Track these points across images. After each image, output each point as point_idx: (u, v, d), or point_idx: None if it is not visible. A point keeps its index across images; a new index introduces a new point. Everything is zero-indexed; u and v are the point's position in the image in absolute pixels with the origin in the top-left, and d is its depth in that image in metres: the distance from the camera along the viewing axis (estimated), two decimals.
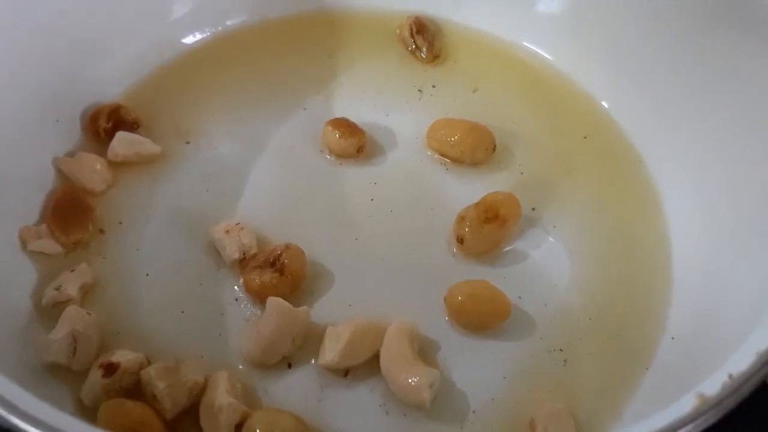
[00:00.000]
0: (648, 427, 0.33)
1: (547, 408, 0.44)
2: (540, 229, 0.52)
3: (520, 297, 0.49)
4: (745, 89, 0.50)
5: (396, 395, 0.44)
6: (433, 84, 0.60)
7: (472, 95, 0.60)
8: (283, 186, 0.54)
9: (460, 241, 0.50)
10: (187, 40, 0.62)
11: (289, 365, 0.46)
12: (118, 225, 0.51)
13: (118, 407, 0.42)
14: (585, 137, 0.57)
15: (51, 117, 0.54)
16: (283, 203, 0.53)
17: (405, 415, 0.44)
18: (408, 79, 0.61)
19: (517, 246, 0.51)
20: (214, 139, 0.56)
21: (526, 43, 0.63)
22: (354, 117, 0.56)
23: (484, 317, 0.47)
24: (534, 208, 0.53)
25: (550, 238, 0.52)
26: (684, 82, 0.54)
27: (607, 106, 0.59)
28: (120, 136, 0.54)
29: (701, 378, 0.35)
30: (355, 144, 0.55)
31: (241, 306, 0.48)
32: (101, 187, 0.52)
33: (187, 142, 0.56)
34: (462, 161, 0.55)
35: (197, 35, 0.62)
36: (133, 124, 0.55)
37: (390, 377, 0.44)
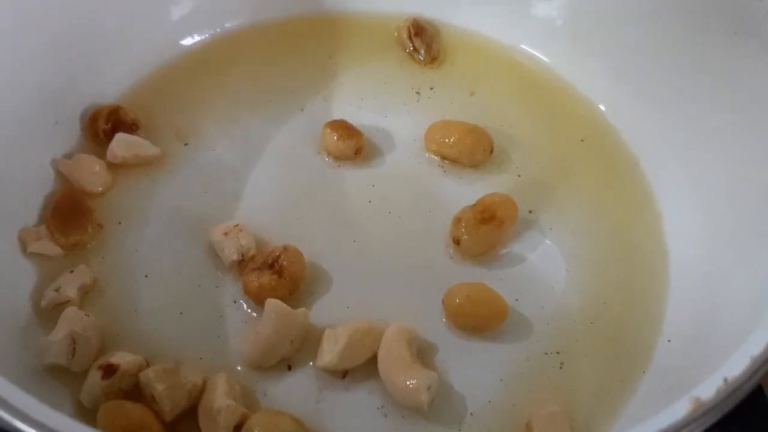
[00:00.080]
0: (643, 431, 0.33)
1: (544, 410, 0.44)
2: (537, 232, 0.52)
3: (517, 299, 0.49)
4: (742, 92, 0.50)
5: (394, 397, 0.44)
6: (431, 86, 0.60)
7: (469, 98, 0.60)
8: (281, 188, 0.54)
9: (456, 242, 0.50)
10: (186, 41, 0.62)
11: (289, 367, 0.46)
12: (117, 226, 0.51)
13: (117, 409, 0.42)
14: (582, 140, 0.57)
15: (50, 118, 0.54)
16: (282, 205, 0.53)
17: (403, 417, 0.44)
18: (406, 82, 0.61)
19: (514, 248, 0.52)
20: (212, 141, 0.56)
21: (524, 46, 0.63)
22: (352, 119, 0.56)
23: (482, 319, 0.48)
24: (531, 211, 0.53)
25: (547, 240, 0.52)
26: (681, 86, 0.54)
27: (605, 109, 0.59)
28: (119, 137, 0.54)
29: (698, 381, 0.35)
30: (353, 146, 0.55)
31: (239, 308, 0.48)
32: (100, 188, 0.52)
33: (185, 144, 0.56)
34: (460, 163, 0.55)
35: (196, 37, 0.62)
36: (132, 126, 0.55)
37: (388, 379, 0.44)
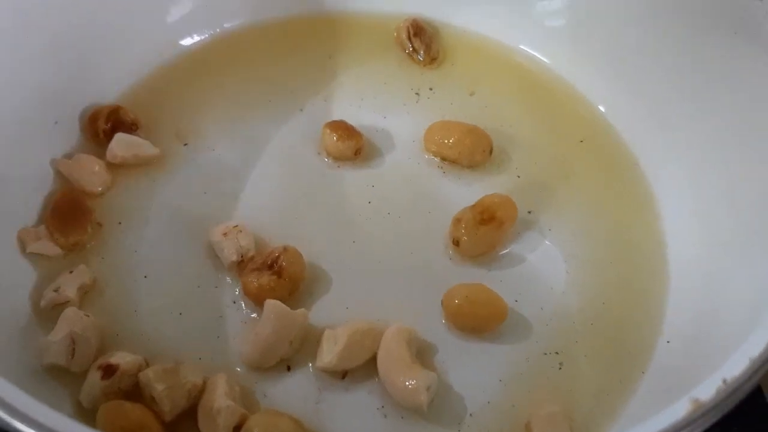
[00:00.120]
0: (642, 431, 0.33)
1: (544, 411, 0.44)
2: (537, 233, 0.52)
3: (516, 300, 0.49)
4: (742, 92, 0.50)
5: (393, 398, 0.44)
6: (431, 87, 0.60)
7: (469, 98, 0.60)
8: (281, 188, 0.54)
9: (456, 243, 0.50)
10: (185, 41, 0.62)
11: (288, 368, 0.46)
12: (117, 226, 0.51)
13: (116, 409, 0.42)
14: (582, 141, 0.57)
15: (50, 118, 0.54)
16: (281, 206, 0.53)
17: (402, 417, 0.44)
18: (405, 82, 0.61)
19: (514, 249, 0.52)
20: (212, 141, 0.56)
21: (524, 47, 0.63)
22: (352, 119, 0.56)
23: (481, 320, 0.48)
24: (530, 212, 0.53)
25: (547, 241, 0.52)
26: (681, 86, 0.54)
27: (604, 110, 0.59)
28: (119, 137, 0.54)
29: (697, 382, 0.35)
30: (353, 147, 0.55)
31: (239, 308, 0.48)
32: (100, 188, 0.52)
33: (185, 144, 0.56)
34: (459, 163, 0.55)
35: (196, 37, 0.62)
36: (132, 125, 0.55)
37: (387, 380, 0.44)
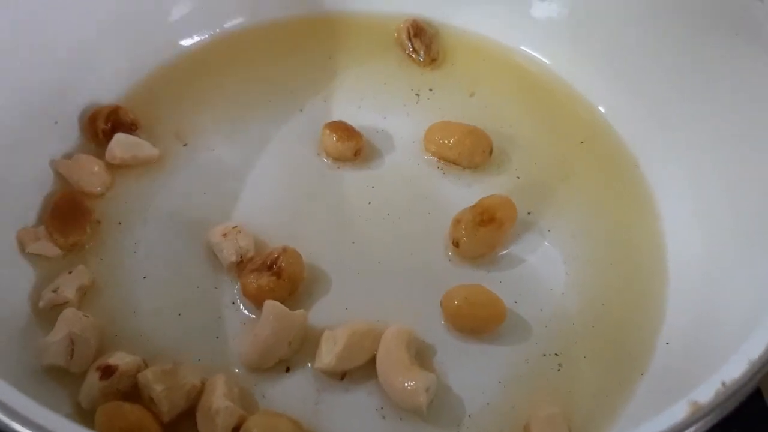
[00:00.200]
0: None
1: (543, 413, 0.44)
2: (536, 234, 0.52)
3: (515, 301, 0.49)
4: (742, 93, 0.50)
5: (392, 399, 0.44)
6: (431, 87, 0.60)
7: (469, 99, 0.60)
8: (280, 189, 0.54)
9: (455, 244, 0.50)
10: (185, 42, 0.62)
11: (287, 369, 0.46)
12: (116, 227, 0.51)
13: (115, 410, 0.41)
14: (582, 142, 0.57)
15: (50, 118, 0.54)
16: (281, 206, 0.53)
17: (401, 419, 0.44)
18: (405, 83, 0.61)
19: (513, 250, 0.52)
20: (212, 142, 0.56)
21: (524, 47, 0.63)
22: (351, 120, 0.56)
23: (480, 321, 0.47)
24: (530, 213, 0.53)
25: (546, 242, 0.52)
26: (681, 87, 0.54)
27: (604, 111, 0.59)
28: (118, 138, 0.54)
29: (697, 384, 0.35)
30: (353, 147, 0.55)
31: (238, 309, 0.48)
32: (99, 189, 0.52)
33: (185, 144, 0.56)
34: (459, 164, 0.55)
35: (195, 37, 0.62)
36: (131, 126, 0.55)
37: (386, 381, 0.44)
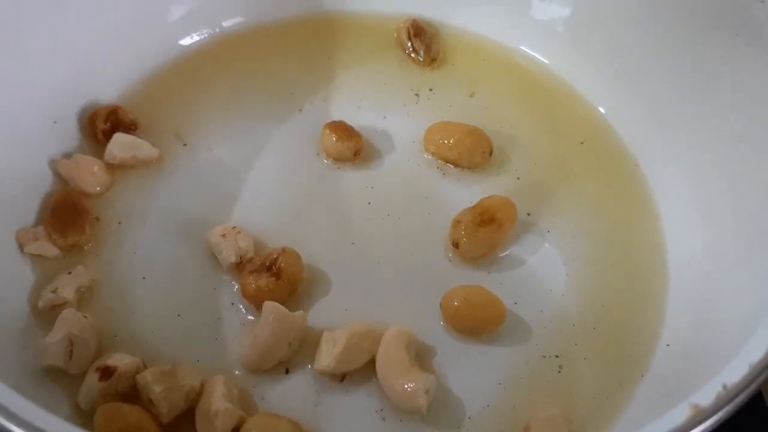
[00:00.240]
0: None
1: (543, 414, 0.44)
2: (536, 235, 0.52)
3: (515, 302, 0.49)
4: (742, 93, 0.50)
5: (392, 401, 0.44)
6: (431, 87, 0.60)
7: (469, 99, 0.60)
8: (280, 189, 0.54)
9: (455, 245, 0.50)
10: (185, 41, 0.61)
11: (287, 370, 0.46)
12: (115, 227, 0.51)
13: (114, 411, 0.41)
14: (582, 142, 0.57)
15: (49, 118, 0.54)
16: (280, 207, 0.53)
17: (401, 420, 0.44)
18: (405, 83, 0.60)
19: (513, 251, 0.51)
20: (211, 142, 0.56)
21: (524, 48, 0.62)
22: (351, 120, 0.56)
23: (480, 322, 0.47)
24: (529, 213, 0.53)
25: (546, 243, 0.52)
26: (681, 88, 0.54)
27: (604, 111, 0.59)
28: (117, 138, 0.53)
29: (697, 386, 0.35)
30: (352, 147, 0.55)
31: (237, 310, 0.48)
32: (98, 189, 0.52)
33: (184, 144, 0.56)
34: (459, 164, 0.55)
35: (195, 37, 0.62)
36: (130, 126, 0.55)
37: (386, 383, 0.44)
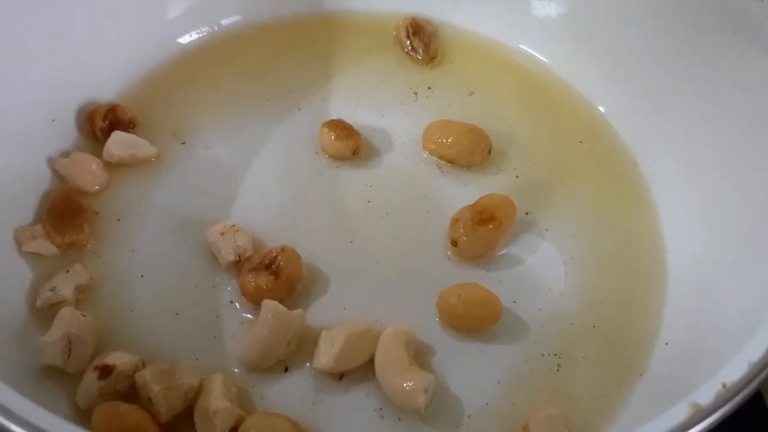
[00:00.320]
0: None
1: (542, 413, 0.44)
2: (535, 234, 0.52)
3: (514, 301, 0.49)
4: (741, 93, 0.50)
5: (391, 399, 0.44)
6: (429, 86, 0.60)
7: (468, 98, 0.60)
8: (279, 188, 0.54)
9: (454, 243, 0.50)
10: (183, 39, 0.61)
11: (286, 369, 0.46)
12: (114, 226, 0.51)
13: (112, 410, 0.41)
14: (581, 142, 0.57)
15: (47, 116, 0.54)
16: (279, 205, 0.53)
17: (400, 419, 0.44)
18: (404, 81, 0.60)
19: (512, 250, 0.51)
20: (210, 140, 0.56)
21: (523, 46, 0.62)
22: (350, 119, 0.56)
23: (476, 320, 0.47)
24: (528, 212, 0.53)
25: (545, 242, 0.52)
26: (681, 87, 0.54)
27: (604, 110, 0.59)
28: (116, 136, 0.53)
29: (696, 385, 0.35)
30: (351, 146, 0.55)
31: (236, 309, 0.48)
32: (97, 187, 0.52)
33: (183, 143, 0.56)
34: (458, 163, 0.55)
35: (194, 35, 0.62)
36: (129, 124, 0.55)
37: (385, 381, 0.44)
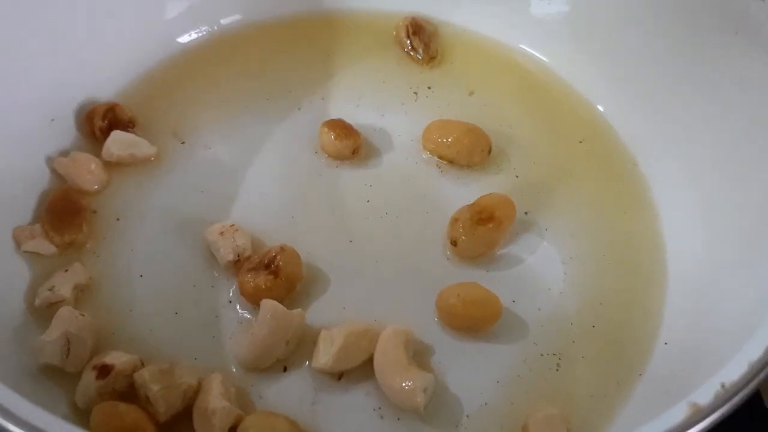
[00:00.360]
0: None
1: (541, 413, 0.44)
2: (535, 233, 0.52)
3: (513, 301, 0.49)
4: (741, 93, 0.50)
5: (390, 399, 0.44)
6: (429, 86, 0.60)
7: (468, 98, 0.60)
8: (278, 187, 0.54)
9: (453, 243, 0.50)
10: (182, 39, 0.61)
11: (285, 368, 0.46)
12: (112, 225, 0.51)
13: (111, 410, 0.41)
14: (581, 141, 0.57)
15: (46, 116, 0.54)
16: (279, 205, 0.53)
17: (399, 419, 0.44)
18: (404, 81, 0.60)
19: (512, 250, 0.51)
20: (209, 140, 0.56)
21: (523, 46, 0.62)
22: (349, 118, 0.56)
23: (475, 319, 0.47)
24: (528, 212, 0.53)
25: (545, 242, 0.52)
26: (681, 87, 0.54)
27: (603, 110, 0.59)
28: (115, 135, 0.53)
29: (695, 385, 0.35)
30: (351, 146, 0.54)
31: (235, 308, 0.48)
32: (96, 187, 0.52)
33: (182, 142, 0.56)
34: (457, 163, 0.55)
35: (193, 34, 0.62)
36: (128, 123, 0.55)
37: (384, 381, 0.44)
